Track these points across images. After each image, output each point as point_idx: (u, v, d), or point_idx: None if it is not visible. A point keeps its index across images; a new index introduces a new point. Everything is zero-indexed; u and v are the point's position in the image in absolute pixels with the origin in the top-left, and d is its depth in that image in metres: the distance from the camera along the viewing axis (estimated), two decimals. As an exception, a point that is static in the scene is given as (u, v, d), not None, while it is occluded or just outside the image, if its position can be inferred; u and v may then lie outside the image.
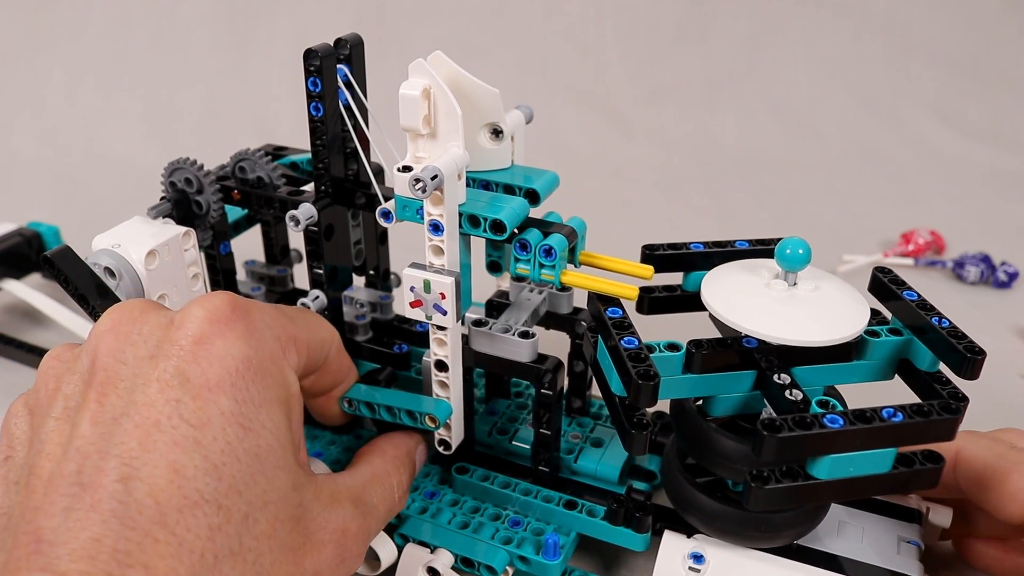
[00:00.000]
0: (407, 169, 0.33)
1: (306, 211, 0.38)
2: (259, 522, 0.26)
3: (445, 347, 0.36)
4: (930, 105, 1.05)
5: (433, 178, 0.31)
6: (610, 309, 0.34)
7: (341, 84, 0.37)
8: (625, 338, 0.32)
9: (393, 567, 0.38)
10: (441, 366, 0.37)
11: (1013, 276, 0.71)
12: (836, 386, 0.36)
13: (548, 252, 0.35)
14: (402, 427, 0.39)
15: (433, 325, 0.36)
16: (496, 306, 0.42)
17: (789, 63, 1.08)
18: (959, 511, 0.38)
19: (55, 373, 0.29)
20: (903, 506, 0.38)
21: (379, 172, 0.41)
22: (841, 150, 1.01)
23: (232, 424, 0.26)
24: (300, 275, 0.50)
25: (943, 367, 0.33)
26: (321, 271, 0.40)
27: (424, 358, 0.38)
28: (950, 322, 0.32)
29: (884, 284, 0.35)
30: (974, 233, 0.81)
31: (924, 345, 0.33)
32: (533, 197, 0.36)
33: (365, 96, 0.38)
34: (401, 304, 0.46)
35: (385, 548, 0.38)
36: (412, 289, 0.35)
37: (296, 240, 0.51)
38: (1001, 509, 0.33)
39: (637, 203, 0.88)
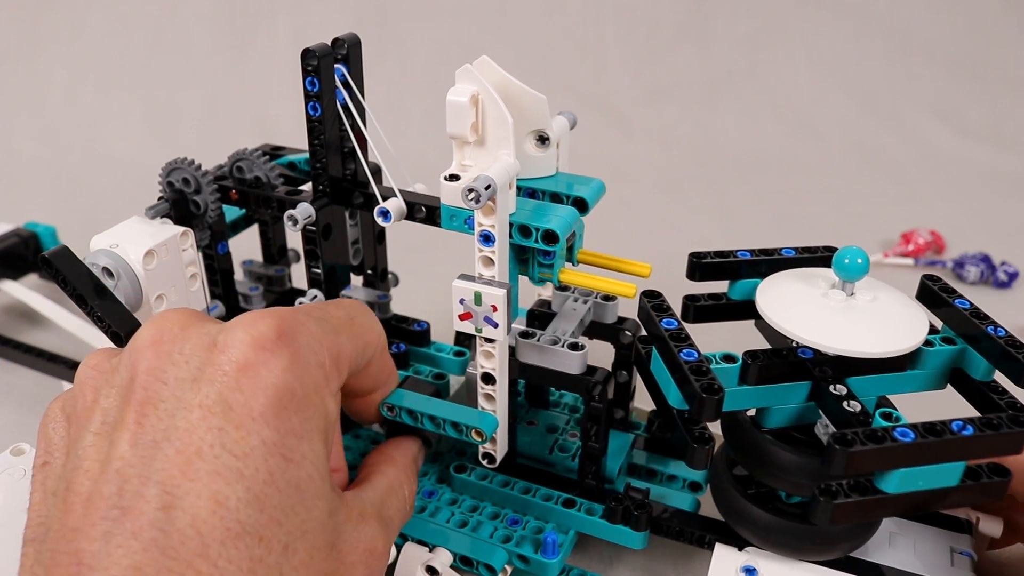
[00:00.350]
0: (454, 178, 0.32)
1: (304, 211, 0.38)
2: (297, 552, 0.26)
3: (493, 359, 0.35)
4: (930, 105, 1.05)
5: (487, 188, 0.30)
6: (665, 320, 0.33)
7: (339, 84, 0.37)
8: (684, 350, 0.31)
9: (392, 566, 0.38)
10: (488, 378, 0.36)
11: (1013, 276, 0.71)
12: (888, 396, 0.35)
13: (546, 251, 0.34)
14: (408, 430, 0.38)
15: (481, 337, 0.35)
16: (539, 316, 0.41)
17: (789, 63, 1.08)
18: (1007, 520, 0.37)
19: (93, 384, 0.28)
20: (953, 516, 0.37)
21: (377, 172, 0.41)
22: (841, 150, 1.00)
23: (274, 455, 0.26)
24: (298, 275, 0.50)
25: (997, 376, 0.32)
26: (319, 271, 0.40)
27: (469, 370, 0.37)
28: (1006, 331, 0.32)
29: (934, 292, 0.35)
30: (974, 233, 0.81)
31: (979, 354, 0.32)
32: (581, 205, 0.36)
33: (363, 96, 0.38)
34: (399, 303, 0.47)
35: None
36: (462, 301, 0.33)
37: (294, 240, 0.51)
38: None
39: (637, 203, 0.88)
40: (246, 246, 0.55)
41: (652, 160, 0.99)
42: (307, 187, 0.42)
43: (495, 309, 0.33)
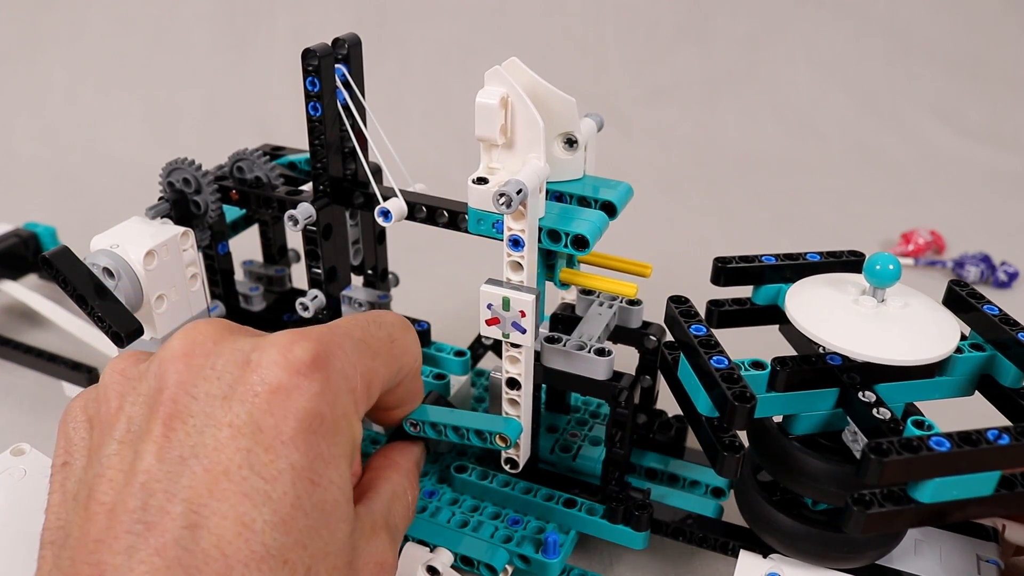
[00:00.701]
0: (482, 181, 0.32)
1: (304, 211, 0.38)
2: (320, 573, 0.26)
3: (518, 364, 0.35)
4: (930, 105, 1.05)
5: (519, 192, 0.30)
6: (694, 327, 0.33)
7: (339, 84, 0.37)
8: (715, 357, 0.31)
9: (391, 567, 0.38)
10: (513, 384, 0.36)
11: (1013, 276, 0.71)
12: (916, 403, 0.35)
13: (547, 251, 0.34)
14: (407, 434, 0.38)
15: (507, 343, 0.35)
16: (563, 320, 0.41)
17: (789, 63, 1.08)
18: None
19: (119, 389, 0.28)
20: (978, 524, 0.37)
21: (377, 172, 0.41)
22: (841, 150, 1.00)
23: (302, 479, 0.25)
24: (298, 275, 0.50)
25: None
26: (319, 271, 0.40)
27: (493, 374, 0.37)
28: None
29: (962, 297, 0.35)
30: (974, 233, 0.81)
31: (1008, 360, 0.32)
32: (610, 209, 0.35)
33: (363, 96, 0.38)
34: (399, 303, 0.47)
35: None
36: (489, 307, 0.33)
37: (294, 240, 0.51)
38: None
39: (637, 203, 0.88)
40: (246, 246, 0.55)
41: (652, 160, 0.99)
42: (307, 187, 0.42)
43: (523, 315, 0.33)
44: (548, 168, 0.32)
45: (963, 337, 0.34)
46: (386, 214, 0.36)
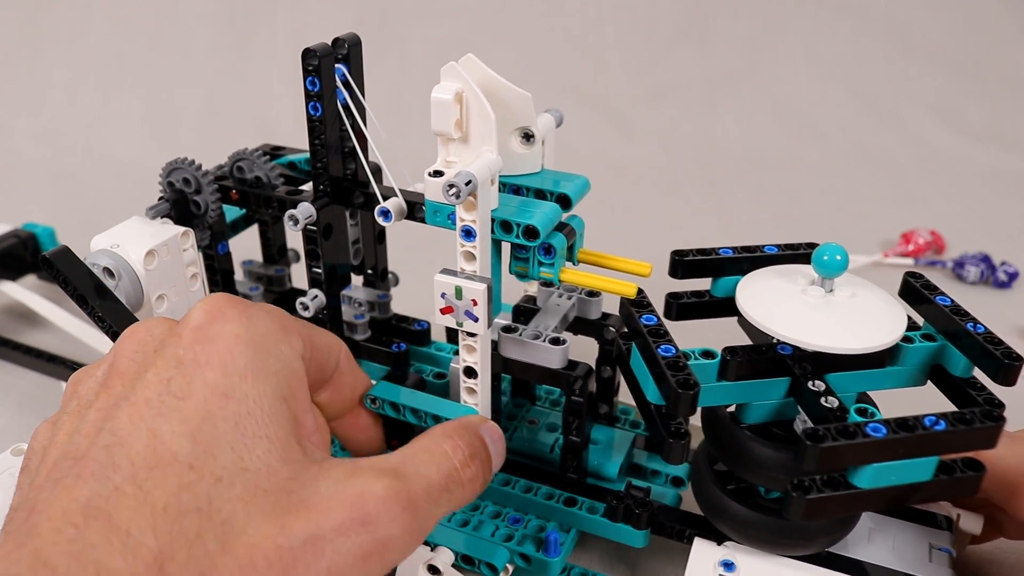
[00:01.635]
0: (439, 174, 0.33)
1: (305, 210, 0.38)
2: (234, 486, 0.26)
3: (474, 353, 0.36)
4: (930, 105, 1.05)
5: (467, 183, 0.31)
6: (645, 316, 0.33)
7: (339, 84, 0.37)
8: (662, 346, 0.31)
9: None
10: (470, 372, 0.36)
11: (1013, 276, 0.71)
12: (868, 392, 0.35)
13: (547, 250, 0.35)
14: (404, 438, 0.38)
15: (463, 332, 0.35)
16: (524, 311, 0.41)
17: (789, 63, 1.08)
18: (988, 516, 0.37)
19: (74, 380, 0.31)
20: (933, 513, 0.37)
21: (377, 171, 0.41)
22: (841, 150, 1.00)
23: (215, 394, 0.27)
24: (298, 275, 0.50)
25: (977, 372, 0.33)
26: (320, 270, 0.40)
27: (452, 364, 0.37)
28: (985, 327, 0.32)
29: (916, 289, 0.35)
30: (974, 233, 0.81)
31: (958, 351, 0.33)
32: (565, 202, 0.36)
33: (363, 95, 0.38)
34: (399, 303, 0.47)
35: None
36: (443, 295, 0.34)
37: (294, 240, 0.51)
38: None
39: (637, 203, 0.88)
40: (246, 246, 0.55)
41: (652, 160, 0.99)
42: (307, 187, 0.42)
43: (475, 303, 0.33)
44: (500, 161, 0.33)
45: (916, 328, 0.35)
46: (386, 214, 0.36)
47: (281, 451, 0.28)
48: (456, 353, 0.44)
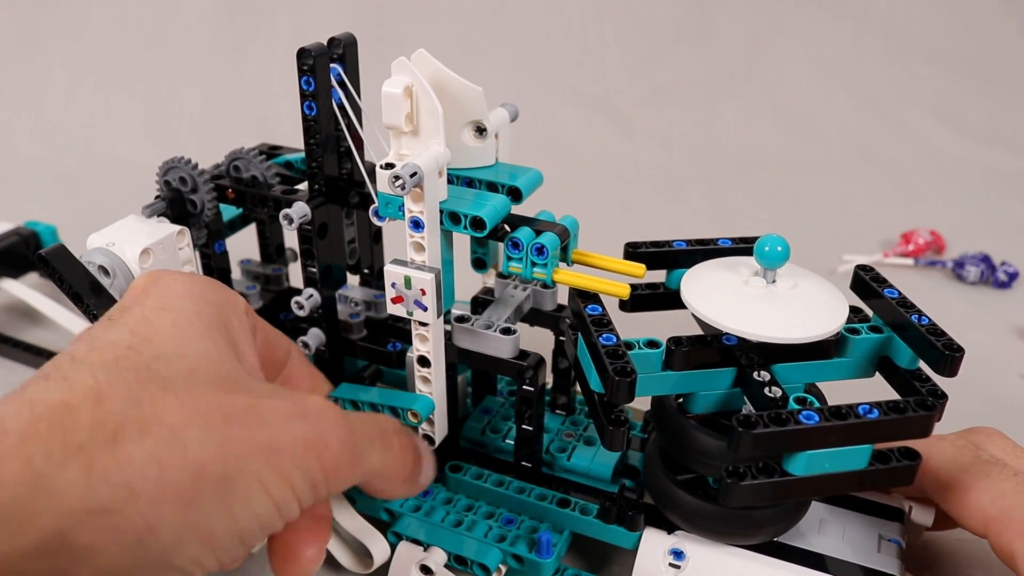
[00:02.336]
0: (390, 166, 0.33)
1: (300, 210, 0.38)
2: (173, 362, 0.27)
3: (427, 343, 0.36)
4: (930, 105, 1.05)
5: (412, 175, 0.32)
6: (590, 306, 0.34)
7: (334, 83, 0.37)
8: (604, 335, 0.32)
9: (386, 565, 0.38)
10: (423, 362, 0.37)
11: (1013, 276, 0.71)
12: (817, 384, 0.36)
13: (540, 250, 0.35)
14: None
15: (415, 321, 0.36)
16: (481, 303, 0.42)
17: (789, 63, 1.08)
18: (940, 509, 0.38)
19: None
20: (886, 505, 0.37)
21: (373, 171, 0.41)
22: (841, 150, 1.00)
23: (152, 308, 0.30)
24: (295, 274, 0.50)
25: (923, 365, 0.33)
26: (315, 270, 0.40)
27: (408, 354, 0.38)
28: (930, 319, 0.32)
29: (865, 282, 0.35)
30: (974, 233, 0.81)
31: (904, 343, 0.33)
32: (516, 194, 0.37)
33: (359, 95, 0.38)
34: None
35: (378, 546, 0.38)
36: (393, 285, 0.35)
37: (291, 239, 0.51)
38: (961, 520, 0.33)
39: (637, 203, 0.88)
40: (244, 245, 0.55)
41: (652, 160, 0.99)
42: (303, 186, 0.42)
43: (424, 293, 0.34)
44: (448, 153, 0.34)
45: (865, 319, 0.35)
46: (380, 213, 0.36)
47: (219, 356, 0.29)
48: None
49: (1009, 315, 0.67)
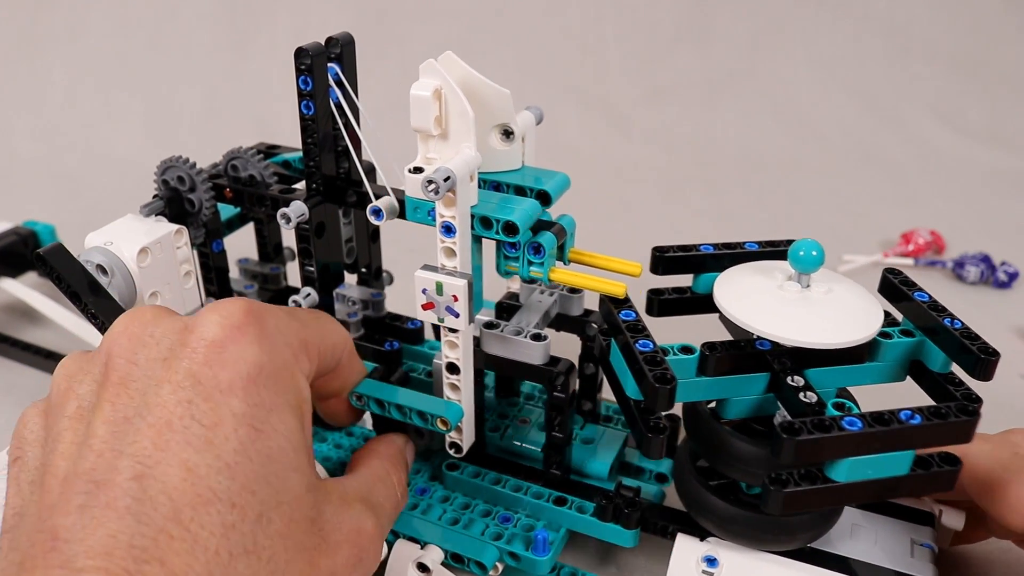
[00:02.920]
0: (418, 170, 0.33)
1: (297, 209, 0.38)
2: (273, 521, 0.26)
3: (457, 349, 0.36)
4: (930, 105, 1.05)
5: (446, 179, 0.31)
6: (623, 312, 0.33)
7: (332, 82, 0.37)
8: (640, 341, 0.31)
9: (383, 563, 0.38)
10: (453, 368, 0.37)
11: (1013, 276, 0.70)
12: (848, 388, 0.35)
13: (537, 249, 0.35)
14: (396, 427, 0.39)
15: (444, 328, 0.35)
16: (507, 308, 0.42)
17: (789, 63, 1.07)
18: (971, 513, 0.37)
19: (67, 374, 0.29)
20: (916, 509, 0.37)
21: (370, 170, 0.41)
22: (841, 150, 1.00)
23: (244, 426, 0.26)
24: (293, 273, 0.50)
25: (955, 368, 0.33)
26: (313, 269, 0.40)
27: (435, 360, 0.37)
28: (962, 323, 0.32)
29: (894, 285, 0.35)
30: (974, 233, 0.81)
31: (936, 346, 0.33)
32: (544, 198, 0.36)
33: (356, 94, 0.38)
34: (392, 302, 0.47)
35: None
36: (424, 291, 0.34)
37: (289, 238, 0.51)
38: (1002, 517, 0.33)
39: (637, 203, 0.88)
40: (242, 244, 0.55)
41: (652, 160, 0.99)
42: (301, 185, 0.42)
43: (456, 299, 0.34)
44: (479, 157, 0.33)
45: (895, 324, 0.35)
46: (377, 212, 0.36)
47: (307, 480, 0.28)
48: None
49: (1009, 315, 0.66)
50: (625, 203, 0.88)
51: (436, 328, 0.48)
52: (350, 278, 0.46)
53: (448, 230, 0.33)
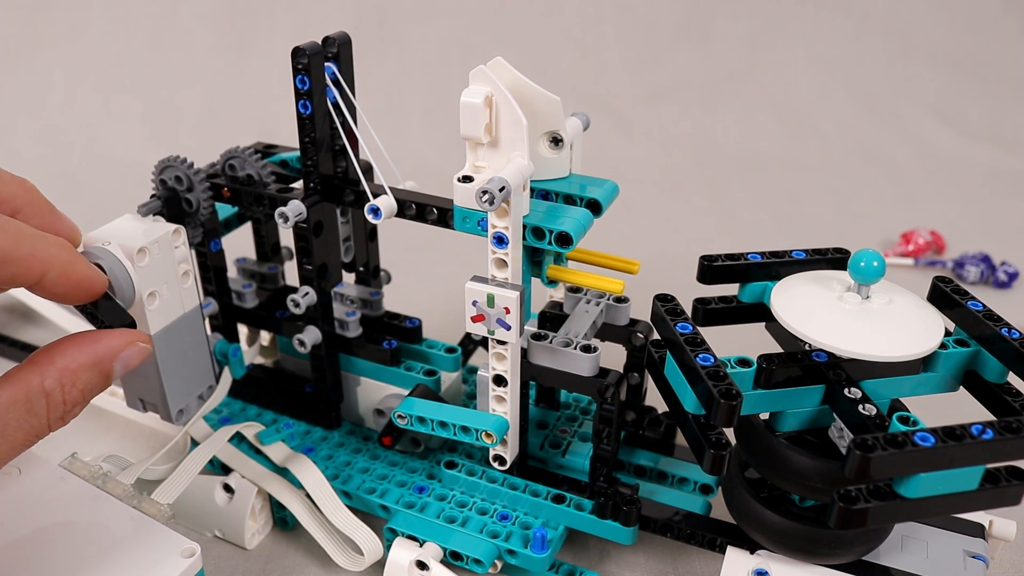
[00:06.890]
0: (468, 179, 0.32)
1: (295, 208, 0.38)
2: None
3: (505, 361, 0.35)
4: (930, 105, 1.05)
5: (501, 190, 0.30)
6: (680, 324, 0.33)
7: (329, 82, 0.37)
8: (701, 355, 0.31)
9: (381, 561, 0.38)
10: (500, 380, 0.36)
11: (1013, 276, 0.70)
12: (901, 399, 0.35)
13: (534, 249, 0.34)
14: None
15: (493, 339, 0.35)
16: (550, 318, 0.41)
17: (789, 63, 1.07)
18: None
19: None
20: (965, 520, 0.37)
21: (368, 169, 0.41)
22: (841, 150, 1.00)
23: None
24: (292, 272, 0.50)
25: (1011, 378, 0.32)
26: (311, 268, 0.40)
27: (480, 372, 0.37)
28: (1020, 332, 0.32)
29: (946, 293, 0.35)
30: (974, 233, 0.81)
31: (992, 356, 0.32)
32: (595, 207, 0.35)
33: (354, 94, 0.38)
34: (399, 302, 0.47)
35: (369, 542, 0.38)
36: (475, 303, 0.33)
37: (287, 238, 0.51)
38: None
39: (637, 203, 0.88)
40: (241, 244, 0.55)
41: (653, 160, 0.99)
42: (299, 185, 0.42)
43: (508, 311, 0.33)
44: (532, 166, 0.32)
45: (948, 333, 0.34)
46: (375, 211, 0.36)
47: None
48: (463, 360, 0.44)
49: (1009, 315, 0.65)
50: (625, 203, 0.88)
51: (469, 337, 0.48)
52: (348, 277, 0.46)
53: (500, 241, 0.32)
